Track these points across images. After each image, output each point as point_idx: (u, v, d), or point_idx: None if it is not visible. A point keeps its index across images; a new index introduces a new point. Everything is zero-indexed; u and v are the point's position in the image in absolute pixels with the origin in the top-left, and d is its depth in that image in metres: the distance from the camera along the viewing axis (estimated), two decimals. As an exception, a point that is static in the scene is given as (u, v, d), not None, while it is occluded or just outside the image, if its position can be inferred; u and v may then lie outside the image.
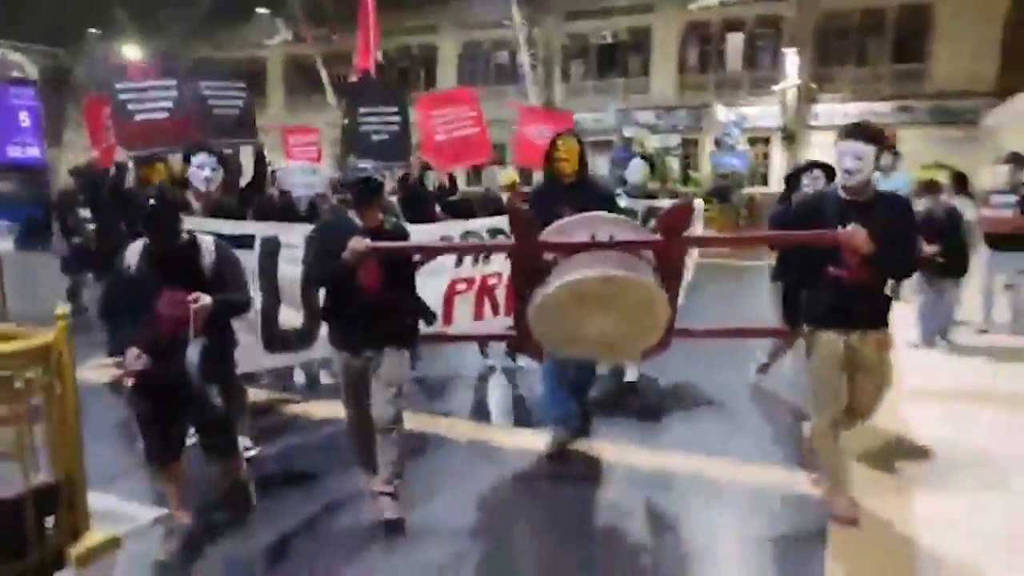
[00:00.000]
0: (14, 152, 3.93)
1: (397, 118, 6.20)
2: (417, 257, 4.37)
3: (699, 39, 27.11)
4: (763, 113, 24.75)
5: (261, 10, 29.62)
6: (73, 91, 26.35)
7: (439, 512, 3.80)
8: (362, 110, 6.17)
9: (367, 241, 3.42)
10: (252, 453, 4.34)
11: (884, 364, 3.64)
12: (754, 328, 4.77)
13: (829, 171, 5.12)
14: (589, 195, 4.12)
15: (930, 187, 6.95)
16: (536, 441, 4.48)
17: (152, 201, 3.28)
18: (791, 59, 23.82)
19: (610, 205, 4.13)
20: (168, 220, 3.30)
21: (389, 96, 6.41)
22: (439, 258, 4.81)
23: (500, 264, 4.97)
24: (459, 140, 6.42)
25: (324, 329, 3.91)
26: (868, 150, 3.46)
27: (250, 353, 4.16)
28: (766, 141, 25.00)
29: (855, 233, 3.31)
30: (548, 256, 3.51)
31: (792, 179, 5.66)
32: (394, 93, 6.61)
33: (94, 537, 3.20)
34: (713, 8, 25.34)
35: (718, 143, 23.37)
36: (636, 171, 5.67)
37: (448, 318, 4.78)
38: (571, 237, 3.51)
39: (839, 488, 3.71)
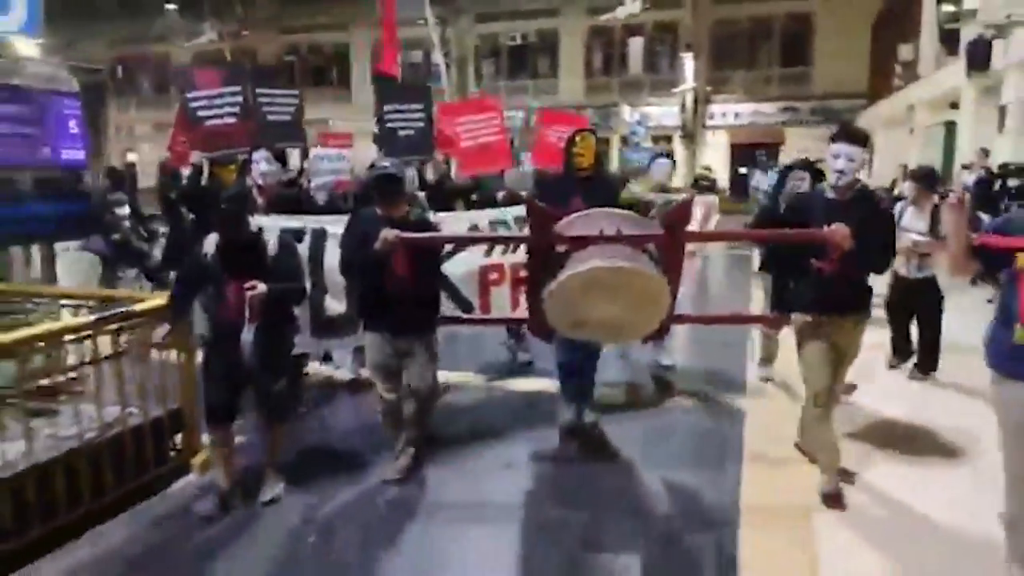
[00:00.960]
0: (66, 155, 4.39)
1: (422, 115, 6.57)
2: (449, 247, 4.60)
3: (603, 43, 28.51)
4: (664, 113, 26.40)
5: (170, 6, 28.86)
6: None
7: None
8: (387, 108, 6.51)
9: (396, 232, 3.64)
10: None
11: (858, 344, 3.87)
12: (745, 315, 4.92)
13: (813, 171, 5.46)
14: (600, 187, 4.36)
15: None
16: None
17: (225, 198, 3.66)
18: (688, 63, 25.56)
19: (616, 197, 4.37)
20: (238, 216, 3.63)
21: (414, 95, 6.80)
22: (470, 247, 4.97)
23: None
24: (482, 147, 6.67)
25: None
26: (859, 152, 3.65)
27: (301, 337, 4.41)
28: (668, 139, 26.65)
29: (838, 230, 3.48)
30: (561, 248, 3.71)
31: (781, 176, 5.96)
32: (419, 93, 6.97)
33: (204, 453, 4.00)
34: (614, 14, 26.80)
35: (625, 141, 24.85)
36: (662, 169, 5.82)
37: (485, 307, 4.91)
38: (582, 231, 3.70)
39: (828, 465, 3.85)
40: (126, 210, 6.86)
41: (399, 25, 29.71)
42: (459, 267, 4.74)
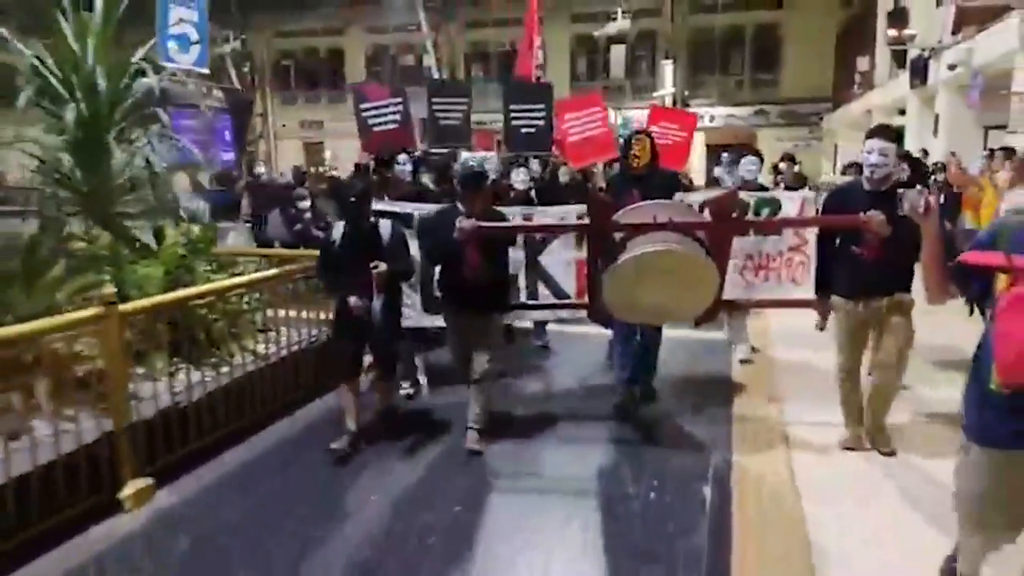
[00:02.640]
0: (225, 157, 5.91)
1: (543, 114, 7.06)
2: (539, 236, 5.02)
3: (587, 50, 30.23)
4: (646, 116, 28.14)
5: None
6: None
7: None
8: (513, 108, 7.12)
9: (472, 222, 4.01)
10: (410, 391, 5.34)
11: (903, 325, 3.98)
12: (790, 299, 5.06)
13: (760, 156, 6.00)
14: (655, 183, 4.58)
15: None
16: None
17: (351, 196, 4.29)
18: (667, 69, 27.32)
19: (671, 192, 4.62)
20: (361, 209, 4.27)
21: (538, 96, 7.36)
22: (562, 239, 5.24)
23: None
24: (587, 140, 7.07)
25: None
26: (892, 148, 3.85)
27: (415, 313, 5.06)
28: (649, 140, 28.28)
29: (874, 217, 3.66)
30: (618, 236, 3.91)
31: (731, 162, 6.52)
32: (542, 93, 7.48)
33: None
34: (596, 24, 28.49)
35: (614, 142, 26.50)
36: (748, 167, 5.88)
37: (581, 294, 5.14)
38: (636, 220, 3.92)
39: (849, 421, 4.27)
40: (307, 203, 7.60)
41: (392, 31, 31.30)
42: (555, 258, 5.22)
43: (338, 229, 4.31)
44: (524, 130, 7.10)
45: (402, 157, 5.84)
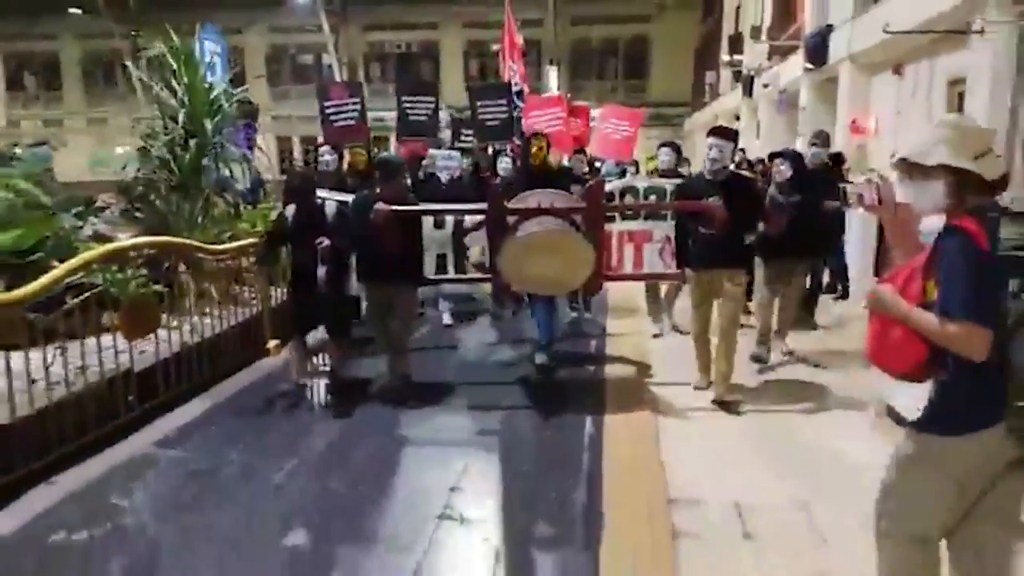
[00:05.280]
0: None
1: (505, 109, 7.58)
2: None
3: (478, 53, 32.87)
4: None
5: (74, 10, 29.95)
6: None
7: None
8: (479, 103, 7.61)
9: (387, 207, 4.52)
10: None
11: (737, 293, 4.74)
12: (658, 273, 5.42)
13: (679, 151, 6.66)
14: (551, 176, 5.23)
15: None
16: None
17: (295, 181, 5.20)
18: (552, 74, 30.45)
19: (562, 184, 5.15)
20: (305, 193, 4.93)
21: (499, 92, 7.90)
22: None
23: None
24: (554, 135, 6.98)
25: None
26: (727, 145, 4.68)
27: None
28: (537, 139, 31.36)
29: (715, 204, 4.42)
30: (511, 219, 4.57)
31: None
32: (503, 89, 8.03)
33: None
34: (491, 30, 31.18)
35: (501, 139, 29.21)
36: (664, 156, 6.40)
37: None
38: (526, 205, 4.59)
39: (700, 368, 5.02)
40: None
41: (292, 32, 32.75)
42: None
43: (290, 210, 4.93)
44: (489, 123, 7.67)
45: (324, 149, 6.69)
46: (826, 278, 7.45)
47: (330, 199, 5.20)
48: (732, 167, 5.31)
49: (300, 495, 3.68)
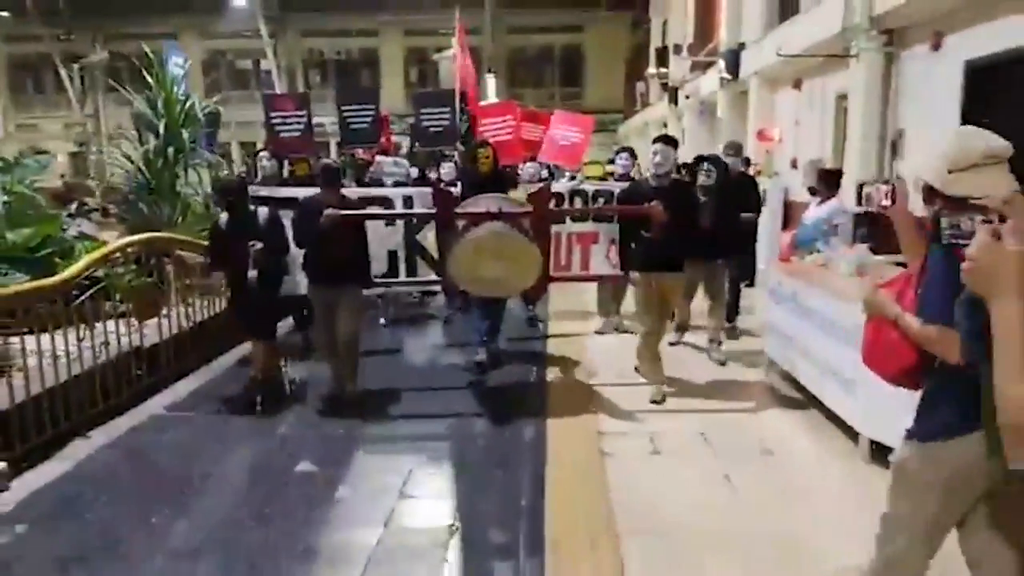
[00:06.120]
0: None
1: (448, 115, 7.56)
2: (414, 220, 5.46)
3: (418, 60, 33.58)
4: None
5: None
6: None
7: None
8: (423, 110, 7.59)
9: (336, 211, 4.58)
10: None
11: (677, 292, 4.99)
12: (602, 274, 5.65)
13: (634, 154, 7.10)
14: (497, 182, 5.28)
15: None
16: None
17: (228, 189, 4.97)
18: (491, 81, 31.39)
19: (504, 190, 5.19)
20: (237, 200, 4.86)
21: (442, 99, 7.92)
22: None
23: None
24: (499, 143, 6.76)
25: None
26: (671, 151, 4.86)
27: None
28: (477, 144, 32.32)
29: (655, 207, 4.54)
30: (460, 223, 4.65)
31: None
32: (446, 96, 8.03)
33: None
34: (429, 38, 31.95)
35: (446, 146, 29.99)
36: (621, 162, 6.68)
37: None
38: (473, 210, 4.64)
39: (653, 379, 5.02)
40: None
41: (229, 37, 32.73)
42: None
43: (223, 217, 4.98)
44: (432, 129, 7.75)
45: (263, 154, 6.85)
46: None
47: (275, 196, 5.37)
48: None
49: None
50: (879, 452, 3.74)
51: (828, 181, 6.09)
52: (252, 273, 4.67)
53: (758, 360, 5.72)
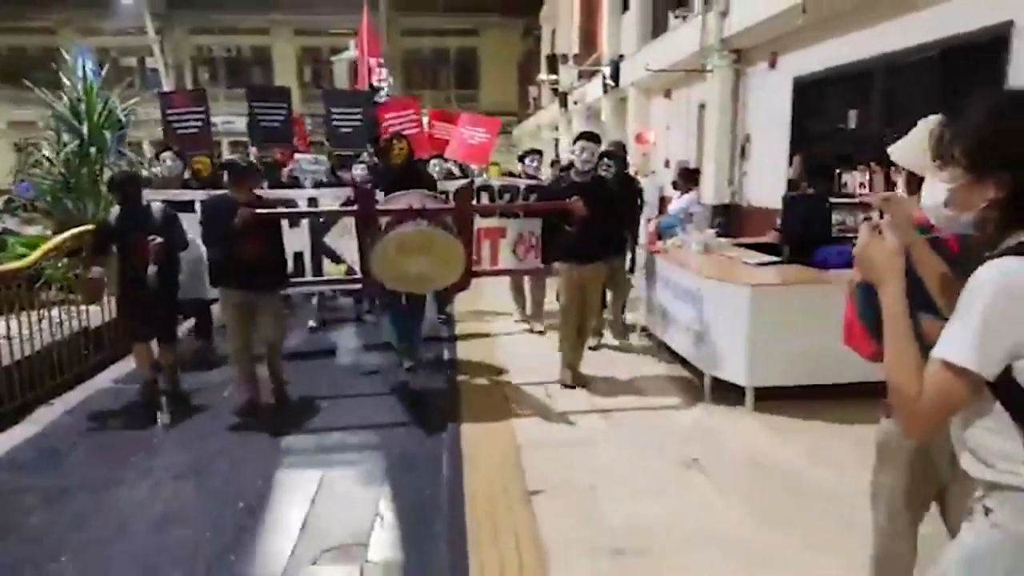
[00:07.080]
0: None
1: (360, 116, 7.75)
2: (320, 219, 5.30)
3: (312, 60, 33.57)
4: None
5: None
6: None
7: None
8: (334, 111, 7.72)
9: (250, 210, 4.42)
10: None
11: (598, 282, 5.25)
12: (524, 268, 5.77)
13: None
14: (413, 176, 5.26)
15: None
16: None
17: (122, 182, 4.86)
18: (387, 81, 31.90)
19: (421, 183, 5.14)
20: (128, 194, 4.76)
21: (355, 100, 8.10)
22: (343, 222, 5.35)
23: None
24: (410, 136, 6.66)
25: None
26: (595, 147, 5.03)
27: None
28: (374, 144, 32.65)
29: (575, 203, 4.71)
30: (383, 220, 4.61)
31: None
32: (359, 97, 8.22)
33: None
34: (322, 38, 32.05)
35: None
36: (530, 162, 7.06)
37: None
38: (397, 207, 4.59)
39: (569, 368, 5.23)
40: None
41: (115, 35, 31.78)
42: (341, 236, 5.39)
43: (114, 212, 4.88)
44: (343, 130, 7.87)
45: (166, 154, 6.46)
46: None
47: (177, 199, 5.20)
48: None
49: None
50: (717, 386, 4.91)
51: (687, 178, 7.59)
52: (152, 269, 4.53)
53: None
